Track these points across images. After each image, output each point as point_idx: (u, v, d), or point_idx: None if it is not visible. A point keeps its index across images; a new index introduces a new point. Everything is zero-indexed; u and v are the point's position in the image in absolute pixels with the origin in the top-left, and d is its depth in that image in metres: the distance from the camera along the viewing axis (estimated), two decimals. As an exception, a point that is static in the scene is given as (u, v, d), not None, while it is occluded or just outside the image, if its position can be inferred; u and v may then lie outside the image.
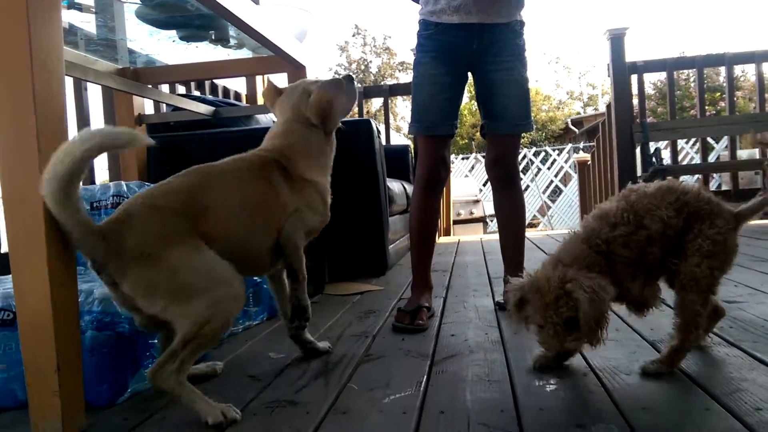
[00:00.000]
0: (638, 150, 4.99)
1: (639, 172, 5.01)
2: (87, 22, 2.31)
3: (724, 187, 6.44)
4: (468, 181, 10.13)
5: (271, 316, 2.16)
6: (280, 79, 3.30)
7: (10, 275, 1.13)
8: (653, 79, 18.02)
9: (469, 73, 2.09)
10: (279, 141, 1.56)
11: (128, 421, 1.22)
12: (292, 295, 1.55)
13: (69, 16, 2.20)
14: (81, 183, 1.11)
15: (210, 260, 1.23)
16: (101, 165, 2.88)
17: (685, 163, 10.86)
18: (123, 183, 1.83)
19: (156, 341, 1.44)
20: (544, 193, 12.43)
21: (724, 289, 2.18)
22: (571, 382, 1.34)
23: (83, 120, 2.71)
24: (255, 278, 2.03)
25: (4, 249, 2.23)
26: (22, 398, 1.21)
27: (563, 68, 29.12)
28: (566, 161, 12.73)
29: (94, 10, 2.19)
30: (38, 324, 1.11)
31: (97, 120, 2.85)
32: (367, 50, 26.17)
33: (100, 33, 2.43)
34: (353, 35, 26.52)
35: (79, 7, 2.13)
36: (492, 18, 1.96)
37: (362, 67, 26.05)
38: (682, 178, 6.98)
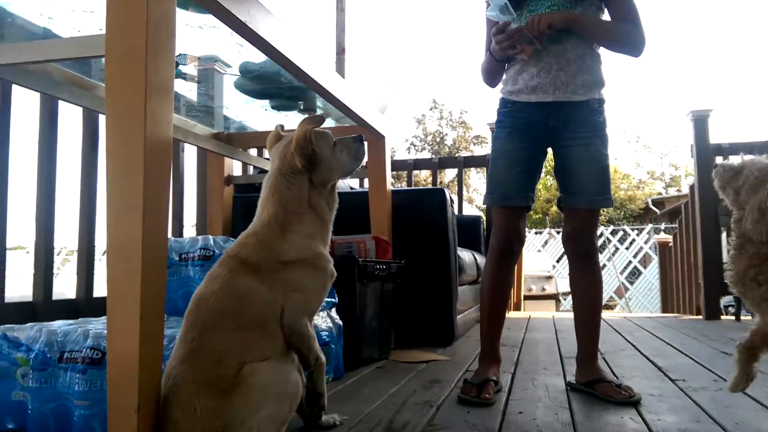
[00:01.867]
0: (724, 234, 4.76)
1: (725, 257, 4.75)
2: (190, 91, 2.53)
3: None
4: (541, 256, 9.93)
5: (336, 377, 2.17)
6: (360, 148, 3.44)
7: (100, 318, 1.22)
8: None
9: (549, 149, 2.11)
10: (260, 211, 1.43)
11: None
12: (308, 379, 1.45)
13: (175, 85, 2.42)
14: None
15: None
16: (189, 221, 3.06)
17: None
18: (210, 237, 1.94)
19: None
20: (621, 273, 11.95)
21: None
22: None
23: (179, 177, 2.92)
24: (322, 336, 2.07)
25: (96, 293, 2.40)
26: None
27: (644, 147, 28.51)
28: (646, 242, 12.26)
29: (197, 80, 2.41)
30: (125, 365, 1.18)
31: (191, 177, 3.06)
32: (444, 123, 26.75)
33: (200, 100, 2.66)
34: (430, 108, 27.26)
35: (185, 77, 2.35)
36: (569, 96, 2.00)
37: (438, 139, 26.57)
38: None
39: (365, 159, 1.69)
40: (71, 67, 2.04)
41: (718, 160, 4.93)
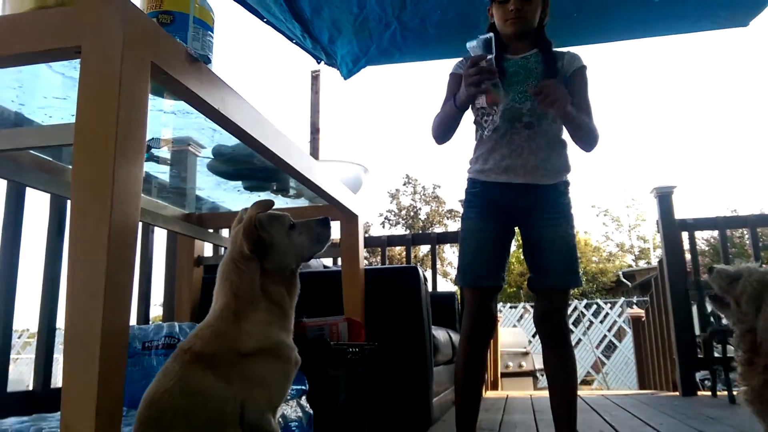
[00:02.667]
0: (694, 308, 4.81)
1: (697, 331, 4.78)
2: (162, 173, 2.53)
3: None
4: (517, 331, 9.85)
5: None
6: (334, 227, 3.44)
7: (56, 414, 1.15)
8: (706, 236, 17.81)
9: (516, 228, 2.14)
10: (210, 315, 1.36)
11: None
12: None
13: (146, 167, 2.42)
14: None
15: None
16: (156, 300, 2.98)
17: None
18: (176, 324, 1.89)
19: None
20: (597, 348, 11.91)
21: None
22: None
23: (147, 259, 2.86)
24: (291, 427, 1.98)
25: (55, 383, 2.28)
26: None
27: (612, 221, 29.20)
28: (620, 315, 12.32)
29: (170, 162, 2.42)
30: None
31: (160, 259, 3.01)
32: (417, 198, 27.15)
33: (172, 182, 2.66)
34: (404, 183, 27.73)
35: (157, 160, 2.36)
36: (538, 180, 2.05)
37: (411, 214, 26.88)
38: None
39: (337, 238, 1.63)
40: (40, 151, 2.03)
41: (684, 235, 5.06)
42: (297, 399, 2.08)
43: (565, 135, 2.14)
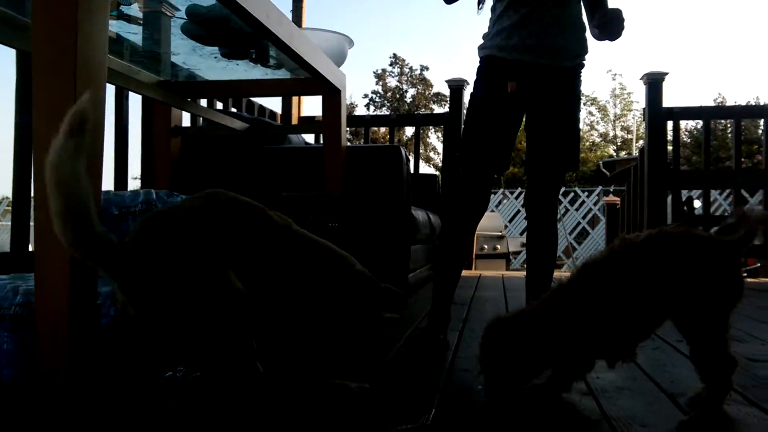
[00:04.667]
0: (669, 198, 4.92)
1: (669, 220, 4.93)
2: (134, 34, 2.38)
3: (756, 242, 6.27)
4: (494, 215, 10.07)
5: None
6: (316, 101, 3.35)
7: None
8: (689, 127, 17.85)
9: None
10: None
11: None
12: None
13: (117, 27, 2.27)
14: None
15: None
16: (133, 173, 2.94)
17: (717, 214, 10.65)
18: (153, 191, 1.86)
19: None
20: (570, 234, 12.29)
21: (749, 346, 2.11)
22: (582, 429, 1.30)
23: (122, 127, 2.78)
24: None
25: (31, 247, 2.29)
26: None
27: (598, 110, 29.01)
28: (595, 203, 12.59)
29: (141, 22, 2.27)
30: (55, 323, 1.13)
31: (135, 128, 2.93)
32: (404, 80, 26.47)
33: (145, 45, 2.51)
34: (391, 64, 26.90)
35: (128, 18, 2.21)
36: (561, 62, 1.98)
37: (397, 96, 26.34)
38: (713, 229, 6.84)
39: (318, 115, 1.55)
40: (3, 5, 1.88)
41: (670, 124, 5.05)
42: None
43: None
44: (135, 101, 2.94)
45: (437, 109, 25.05)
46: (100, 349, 1.16)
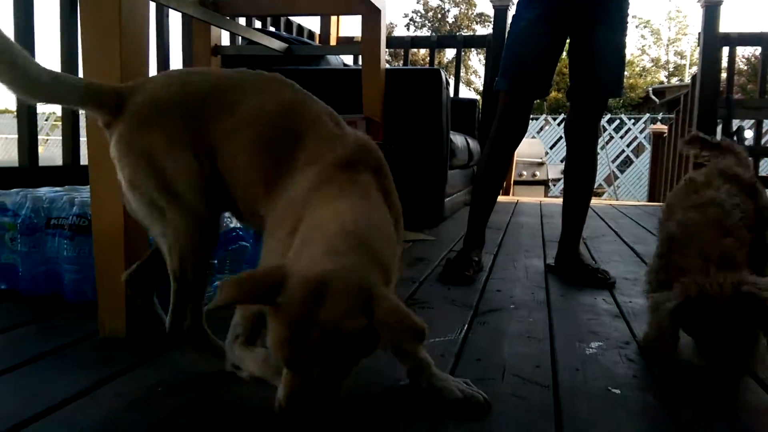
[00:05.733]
0: (720, 127, 4.72)
1: (717, 150, 4.75)
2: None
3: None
4: (535, 142, 9.86)
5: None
6: (355, 22, 3.29)
7: (87, 186, 1.22)
8: (746, 54, 16.82)
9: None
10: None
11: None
12: None
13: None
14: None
15: (192, 172, 0.99)
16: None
17: (770, 144, 10.20)
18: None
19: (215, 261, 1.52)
20: (613, 162, 12.00)
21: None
22: (612, 348, 1.34)
23: (163, 46, 2.79)
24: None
25: (84, 161, 2.38)
26: (92, 298, 1.31)
27: (651, 33, 27.47)
28: (641, 131, 12.18)
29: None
30: (111, 232, 1.20)
31: (176, 47, 2.93)
32: (446, -1, 25.41)
33: (184, -39, 2.48)
34: (433, -18, 25.76)
35: (167, -67, 2.18)
36: None
37: (438, 16, 25.39)
38: (763, 161, 6.55)
39: (358, 35, 1.32)
40: None
41: (725, 50, 4.78)
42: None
43: None
44: (175, 20, 2.93)
45: (480, 30, 24.12)
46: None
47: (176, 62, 2.93)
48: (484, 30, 23.49)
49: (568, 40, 2.02)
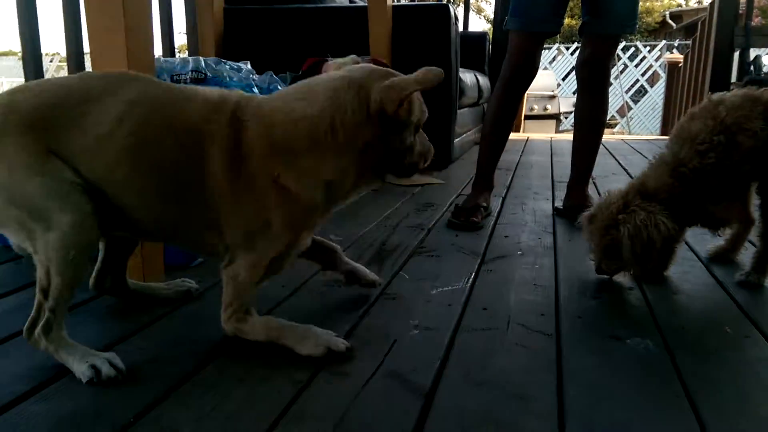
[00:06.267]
0: (737, 55, 4.59)
1: (733, 80, 4.64)
2: None
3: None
4: (547, 73, 9.62)
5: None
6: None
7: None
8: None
9: None
10: (295, 100, 1.01)
11: (200, 284, 1.35)
12: None
13: None
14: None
15: (49, 181, 0.93)
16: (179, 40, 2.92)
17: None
18: (201, 59, 1.88)
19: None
20: (627, 92, 11.72)
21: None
22: (615, 295, 1.37)
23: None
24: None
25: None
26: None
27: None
28: (657, 59, 11.81)
29: None
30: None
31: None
32: None
33: None
34: None
35: None
36: None
37: (448, -60, 24.25)
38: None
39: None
40: None
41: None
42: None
43: None
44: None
45: (491, -46, 23.07)
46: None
47: (179, 6, 2.86)
48: (495, -47, 22.48)
49: None
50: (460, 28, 3.99)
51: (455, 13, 3.15)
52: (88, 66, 2.34)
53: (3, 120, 0.95)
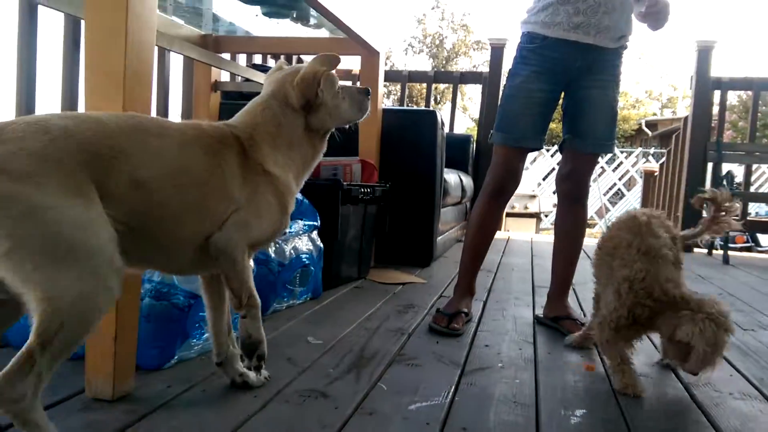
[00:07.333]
0: (710, 167, 4.80)
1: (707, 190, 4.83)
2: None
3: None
4: (527, 174, 9.96)
5: (314, 297, 2.24)
6: (355, 62, 3.33)
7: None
8: (738, 91, 17.05)
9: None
10: (247, 117, 1.30)
11: (171, 389, 1.31)
12: (240, 327, 1.26)
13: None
14: None
15: (97, 223, 0.92)
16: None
17: (758, 184, 10.33)
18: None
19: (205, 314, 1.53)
20: (605, 194, 12.10)
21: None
22: (596, 412, 1.35)
23: (164, 82, 2.82)
24: (303, 259, 2.11)
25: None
26: (81, 353, 1.31)
27: (646, 64, 27.84)
28: (633, 165, 12.31)
29: (185, -19, 2.29)
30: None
31: (177, 83, 2.97)
32: (444, 25, 25.73)
33: (188, 1, 2.53)
34: (432, 8, 26.08)
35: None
36: (606, 42, 1.93)
37: (437, 42, 25.67)
38: (751, 205, 6.60)
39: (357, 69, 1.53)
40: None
41: (716, 94, 4.88)
42: (309, 234, 2.19)
43: None
44: (176, 57, 2.97)
45: (477, 57, 24.38)
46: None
47: (176, 97, 2.96)
48: (481, 56, 23.77)
49: (562, 94, 2.07)
50: (447, 130, 4.15)
51: (441, 119, 3.29)
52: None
53: (56, 144, 0.92)
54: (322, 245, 2.27)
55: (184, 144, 1.13)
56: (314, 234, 2.23)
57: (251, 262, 1.29)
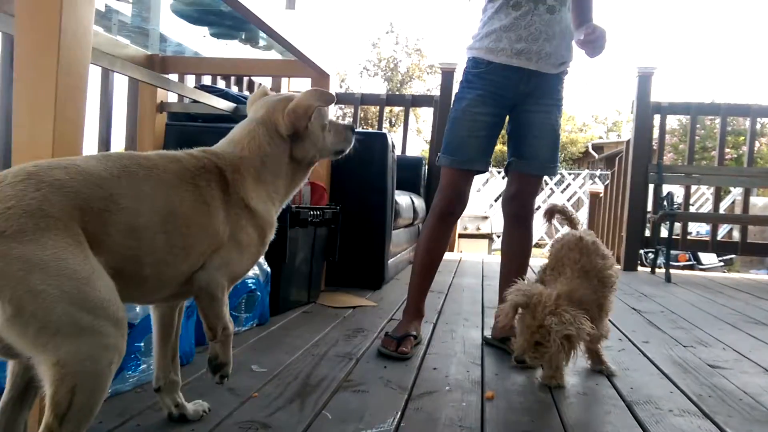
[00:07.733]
0: (651, 188, 4.98)
1: (649, 211, 5.01)
2: (126, 3, 2.34)
3: (735, 234, 6.44)
4: (479, 195, 10.13)
5: (261, 323, 2.20)
6: (305, 84, 3.33)
7: None
8: (679, 115, 17.85)
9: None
10: (234, 148, 1.26)
11: (102, 425, 1.25)
12: (211, 348, 1.21)
13: (106, 0, 2.24)
14: None
15: (97, 276, 0.89)
16: (118, 149, 2.92)
17: (698, 204, 10.79)
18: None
19: (141, 344, 1.48)
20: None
21: (711, 351, 2.19)
22: (540, 440, 1.36)
23: (107, 102, 2.75)
24: (248, 284, 2.06)
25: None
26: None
27: (590, 90, 28.86)
28: (581, 186, 12.68)
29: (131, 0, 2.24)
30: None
31: (121, 104, 2.89)
32: (399, 49, 26.13)
33: (134, 21, 2.48)
34: (387, 32, 26.47)
35: (116, -5, 2.18)
36: (547, 68, 1.99)
37: (391, 66, 26.01)
38: (691, 224, 6.89)
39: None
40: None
41: (656, 118, 5.10)
42: (255, 258, 2.15)
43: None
44: (120, 77, 2.90)
45: (430, 80, 24.81)
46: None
47: (120, 118, 2.88)
48: (434, 80, 24.18)
49: (507, 118, 2.12)
50: (399, 152, 4.18)
51: (392, 141, 3.31)
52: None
53: (50, 199, 0.88)
54: (269, 269, 2.23)
55: (169, 184, 1.09)
56: (261, 258, 2.19)
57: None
